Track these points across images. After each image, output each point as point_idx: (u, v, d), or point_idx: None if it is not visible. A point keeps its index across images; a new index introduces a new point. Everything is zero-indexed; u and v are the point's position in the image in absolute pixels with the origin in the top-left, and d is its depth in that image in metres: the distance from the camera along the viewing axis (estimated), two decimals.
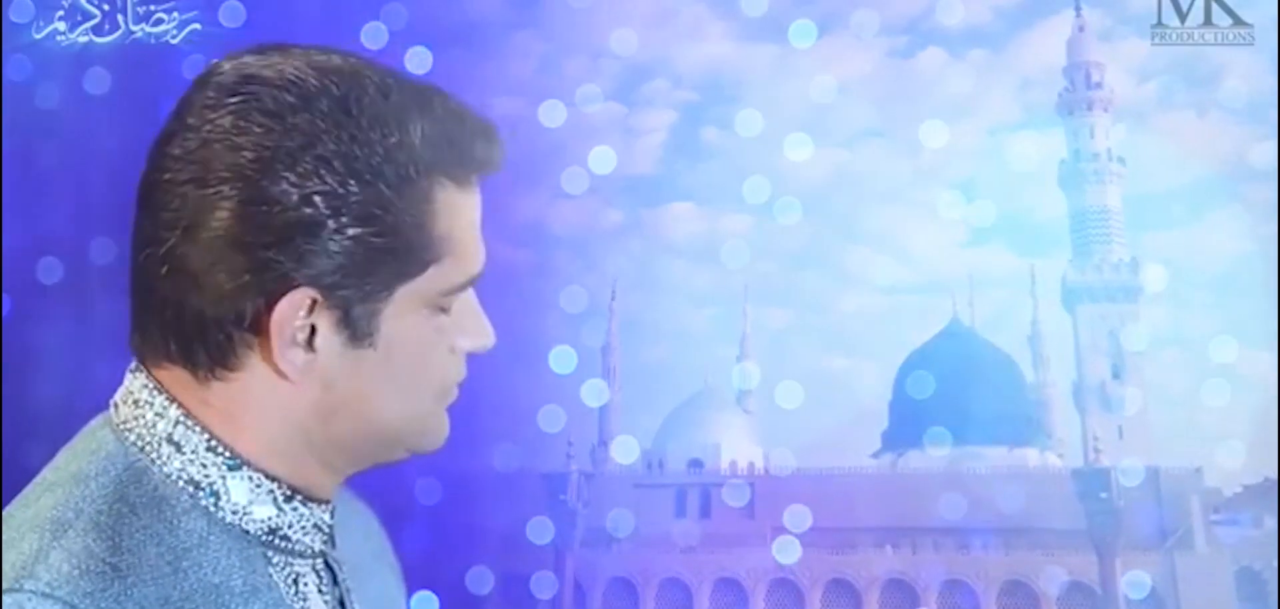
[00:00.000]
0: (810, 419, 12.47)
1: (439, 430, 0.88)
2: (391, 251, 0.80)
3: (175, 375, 0.82)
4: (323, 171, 0.78)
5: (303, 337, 0.81)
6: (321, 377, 0.82)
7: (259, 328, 0.80)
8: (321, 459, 0.85)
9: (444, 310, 0.84)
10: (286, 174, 0.78)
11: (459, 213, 0.83)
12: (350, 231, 0.79)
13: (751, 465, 14.76)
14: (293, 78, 0.80)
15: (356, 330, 0.81)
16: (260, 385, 0.82)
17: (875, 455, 15.28)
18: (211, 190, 0.78)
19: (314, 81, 0.80)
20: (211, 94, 0.80)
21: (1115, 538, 12.74)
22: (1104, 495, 12.99)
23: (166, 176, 0.79)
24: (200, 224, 0.79)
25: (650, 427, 14.71)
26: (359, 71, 0.82)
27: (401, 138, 0.80)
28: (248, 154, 0.78)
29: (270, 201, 0.78)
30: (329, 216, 0.78)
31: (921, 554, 13.75)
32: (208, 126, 0.79)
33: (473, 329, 0.87)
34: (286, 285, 0.79)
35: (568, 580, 11.44)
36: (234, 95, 0.80)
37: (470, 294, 0.87)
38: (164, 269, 0.80)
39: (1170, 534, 13.48)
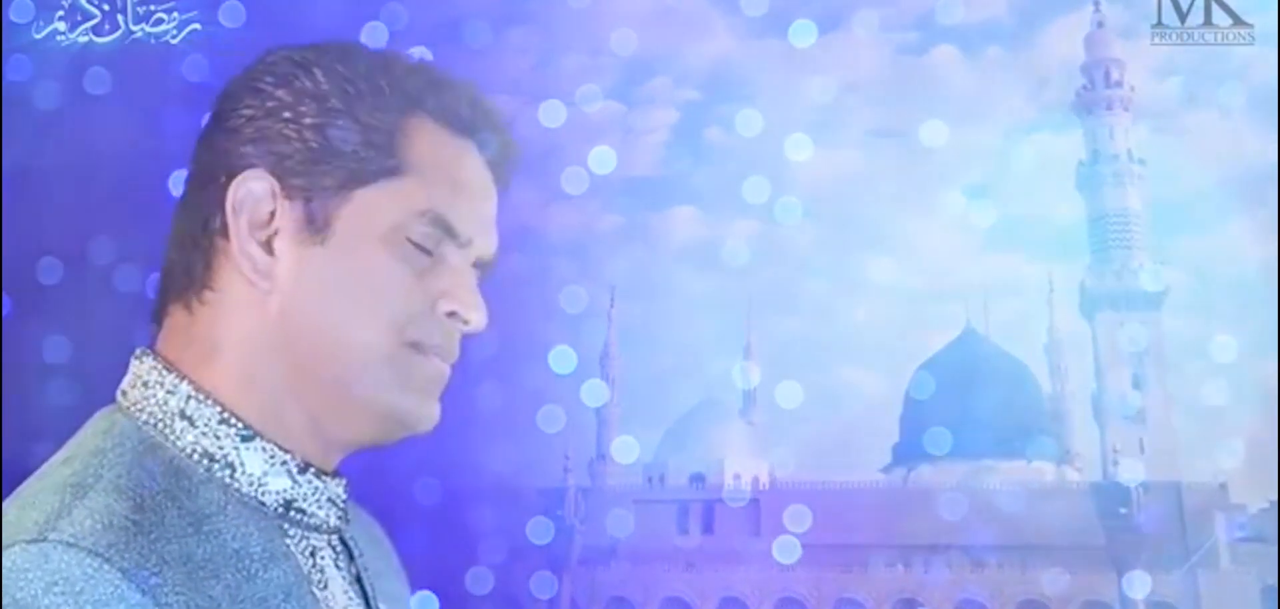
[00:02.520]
0: (817, 432, 12.61)
1: (414, 388, 0.91)
2: (348, 147, 0.89)
3: (174, 321, 0.91)
4: (292, 74, 0.90)
5: (262, 236, 0.89)
6: (280, 286, 0.89)
7: (228, 231, 0.90)
8: (301, 404, 0.90)
9: (422, 249, 0.90)
10: (258, 84, 0.91)
11: (439, 147, 0.91)
12: (308, 120, 0.89)
13: (755, 480, 14.74)
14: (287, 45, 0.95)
15: (313, 222, 0.89)
16: (234, 305, 0.89)
17: (885, 469, 15.33)
18: (210, 124, 0.93)
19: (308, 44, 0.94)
20: None
21: (1135, 555, 12.79)
22: (1123, 511, 13.10)
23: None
24: (197, 159, 0.93)
25: (651, 439, 14.66)
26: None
27: (378, 65, 0.92)
28: (233, 85, 0.93)
29: (238, 107, 0.91)
30: (288, 106, 0.89)
31: (933, 572, 13.70)
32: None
33: (464, 299, 0.91)
34: (245, 166, 0.90)
35: (565, 597, 11.58)
36: None
37: (469, 269, 0.93)
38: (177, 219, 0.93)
39: (1193, 551, 13.51)
